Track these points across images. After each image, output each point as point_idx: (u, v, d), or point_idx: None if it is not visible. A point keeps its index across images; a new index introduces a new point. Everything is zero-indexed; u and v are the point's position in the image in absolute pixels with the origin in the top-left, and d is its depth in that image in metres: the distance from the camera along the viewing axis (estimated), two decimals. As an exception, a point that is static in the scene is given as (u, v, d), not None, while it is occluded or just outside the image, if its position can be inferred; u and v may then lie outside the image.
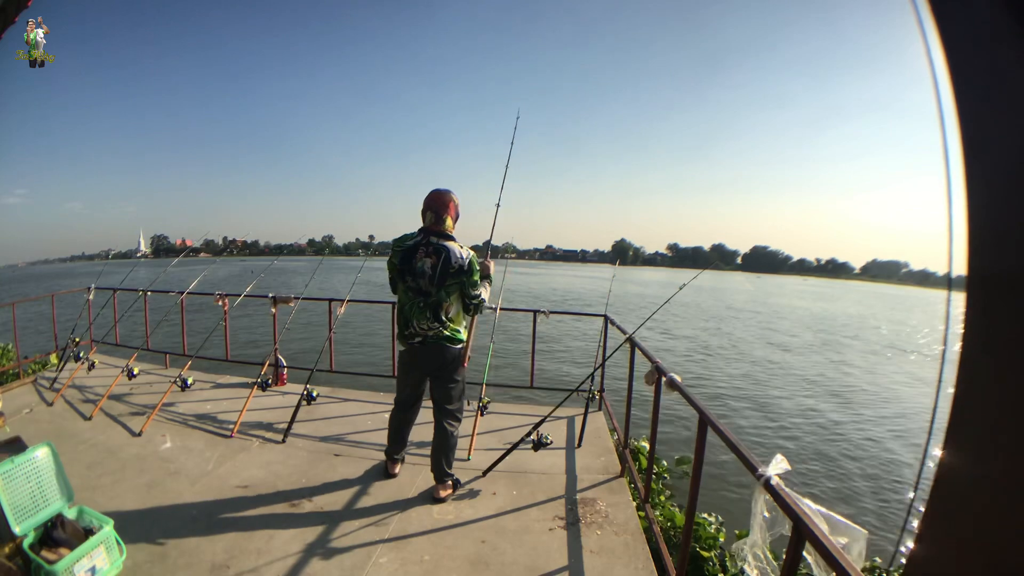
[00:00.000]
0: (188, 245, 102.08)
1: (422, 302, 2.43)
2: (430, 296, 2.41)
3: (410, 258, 2.43)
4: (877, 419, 9.29)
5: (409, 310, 2.46)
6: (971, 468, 0.63)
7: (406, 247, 2.45)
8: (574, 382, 3.46)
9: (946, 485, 0.65)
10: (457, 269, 2.41)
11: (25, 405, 3.76)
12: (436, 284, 2.40)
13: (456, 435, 2.65)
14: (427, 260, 2.40)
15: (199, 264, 6.65)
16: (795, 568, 1.21)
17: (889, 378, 13.29)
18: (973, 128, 0.59)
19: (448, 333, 2.47)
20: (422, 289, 2.41)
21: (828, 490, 6.17)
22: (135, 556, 2.06)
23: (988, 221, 0.59)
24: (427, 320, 2.43)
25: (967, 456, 0.63)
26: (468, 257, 2.44)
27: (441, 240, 2.44)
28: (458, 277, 2.42)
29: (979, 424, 0.61)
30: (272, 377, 4.21)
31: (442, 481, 2.62)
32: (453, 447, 2.64)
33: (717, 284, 50.17)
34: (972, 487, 0.62)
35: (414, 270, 2.41)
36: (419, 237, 2.46)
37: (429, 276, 2.40)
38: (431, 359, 2.52)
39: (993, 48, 0.56)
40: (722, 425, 1.68)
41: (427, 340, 2.47)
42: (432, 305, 2.42)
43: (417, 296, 2.43)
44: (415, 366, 2.58)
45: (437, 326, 2.44)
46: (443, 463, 2.60)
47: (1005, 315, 0.59)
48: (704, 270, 3.42)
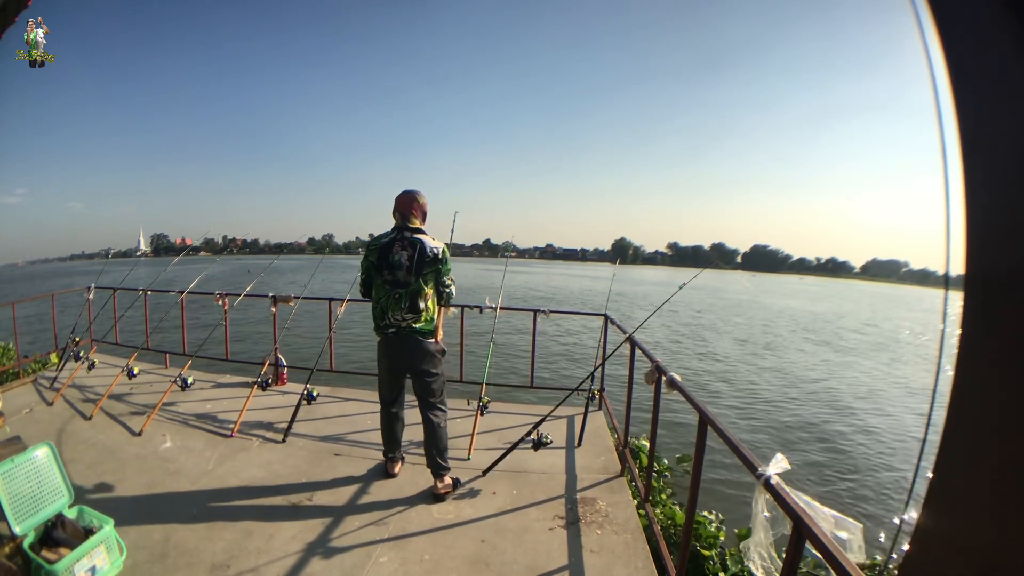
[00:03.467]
0: (188, 244, 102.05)
1: (399, 292, 2.53)
2: (409, 285, 2.52)
3: (387, 253, 2.55)
4: (847, 414, 9.29)
5: (385, 302, 2.55)
6: (968, 467, 0.63)
7: (382, 244, 2.58)
8: (574, 381, 3.47)
9: (943, 484, 0.65)
10: (432, 258, 2.54)
11: (25, 405, 3.76)
12: (414, 273, 2.51)
13: (444, 426, 2.66)
14: (403, 253, 2.53)
15: (199, 263, 6.65)
16: (796, 567, 1.21)
17: (856, 375, 13.24)
18: (972, 127, 0.59)
19: (420, 324, 2.54)
20: (400, 280, 2.52)
21: (824, 492, 6.18)
22: (135, 556, 2.06)
23: (987, 221, 0.59)
24: (402, 311, 2.52)
25: (964, 456, 0.63)
26: (440, 248, 2.58)
27: (414, 234, 2.57)
28: (434, 266, 2.55)
29: (976, 424, 0.61)
30: (272, 377, 4.21)
31: (439, 475, 2.63)
32: (443, 439, 2.65)
33: (717, 284, 50.17)
34: (969, 486, 0.62)
35: (391, 263, 2.53)
36: (393, 234, 2.59)
37: (407, 267, 2.52)
38: (403, 351, 2.59)
39: (993, 47, 0.56)
40: (722, 424, 1.69)
41: (400, 331, 2.55)
42: (411, 294, 2.52)
43: (395, 287, 2.53)
44: (390, 356, 2.65)
45: (411, 316, 2.52)
46: (436, 457, 2.62)
47: (1003, 315, 0.59)
48: (704, 269, 3.41)
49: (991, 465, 0.59)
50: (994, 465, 0.59)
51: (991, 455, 0.59)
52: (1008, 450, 0.56)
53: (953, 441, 0.63)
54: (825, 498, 5.75)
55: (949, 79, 0.60)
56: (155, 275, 4.94)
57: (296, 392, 3.82)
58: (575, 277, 55.11)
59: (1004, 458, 0.57)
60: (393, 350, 2.62)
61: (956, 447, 0.63)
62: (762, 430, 8.10)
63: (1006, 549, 0.56)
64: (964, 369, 0.62)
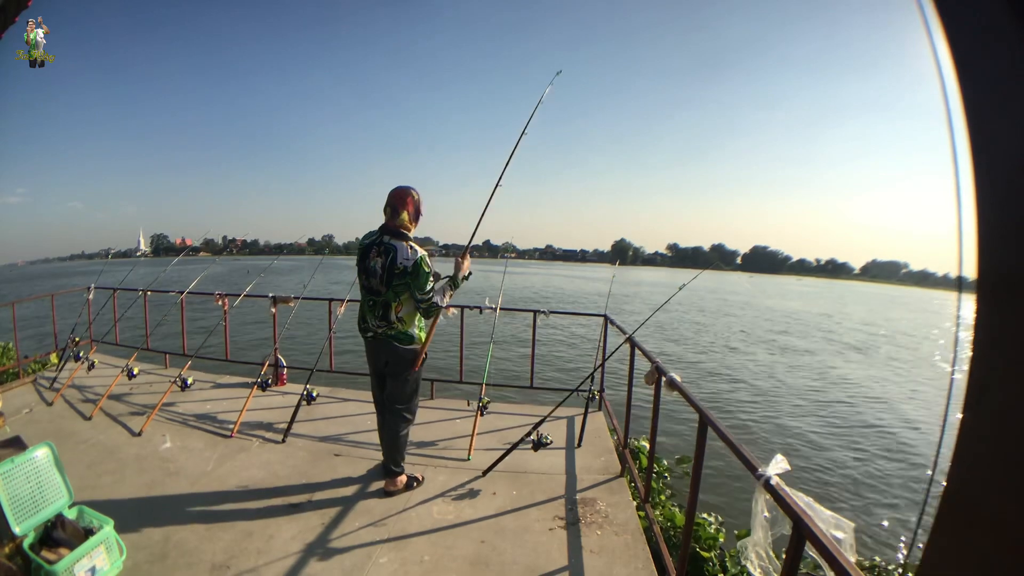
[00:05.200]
0: (188, 244, 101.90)
1: (372, 301, 2.50)
2: (380, 295, 2.47)
3: (365, 257, 2.50)
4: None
5: (363, 306, 2.56)
6: (985, 469, 0.62)
7: (363, 245, 2.54)
8: (574, 382, 3.47)
9: (959, 486, 0.64)
10: (401, 271, 2.39)
11: (25, 405, 3.76)
12: (385, 284, 2.44)
13: (405, 434, 2.65)
14: (378, 260, 2.46)
15: (198, 264, 6.65)
16: (795, 568, 1.21)
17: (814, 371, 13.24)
18: (980, 127, 0.59)
19: (394, 333, 2.50)
20: (373, 288, 2.48)
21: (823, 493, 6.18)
22: (135, 556, 2.06)
23: (997, 221, 0.59)
24: (376, 319, 2.50)
25: (981, 457, 0.62)
26: (415, 258, 2.39)
27: (393, 239, 2.45)
28: (403, 279, 2.41)
29: (991, 427, 0.61)
30: (272, 377, 4.21)
31: (388, 476, 2.65)
32: (402, 446, 2.65)
33: (716, 284, 50.25)
34: (986, 488, 0.61)
35: (367, 269, 2.49)
36: (376, 236, 2.52)
37: (380, 276, 2.45)
38: (380, 354, 2.58)
39: (1000, 46, 0.56)
40: (722, 425, 1.69)
41: (377, 335, 2.53)
42: (381, 304, 2.48)
43: (369, 295, 2.51)
44: (370, 359, 2.65)
45: (384, 325, 2.49)
46: (389, 462, 2.64)
47: (1016, 315, 0.58)
48: (704, 270, 3.41)
49: (1008, 466, 0.59)
50: (1011, 464, 0.58)
51: (1009, 456, 0.59)
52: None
53: (969, 443, 0.63)
54: (824, 498, 5.74)
55: (956, 78, 0.60)
56: (155, 275, 4.94)
57: (296, 392, 3.82)
58: (573, 278, 55.16)
59: (1022, 457, 0.57)
60: (372, 353, 2.62)
61: (972, 449, 0.63)
62: (761, 430, 8.10)
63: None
64: (978, 370, 0.62)
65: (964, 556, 0.65)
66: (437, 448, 3.22)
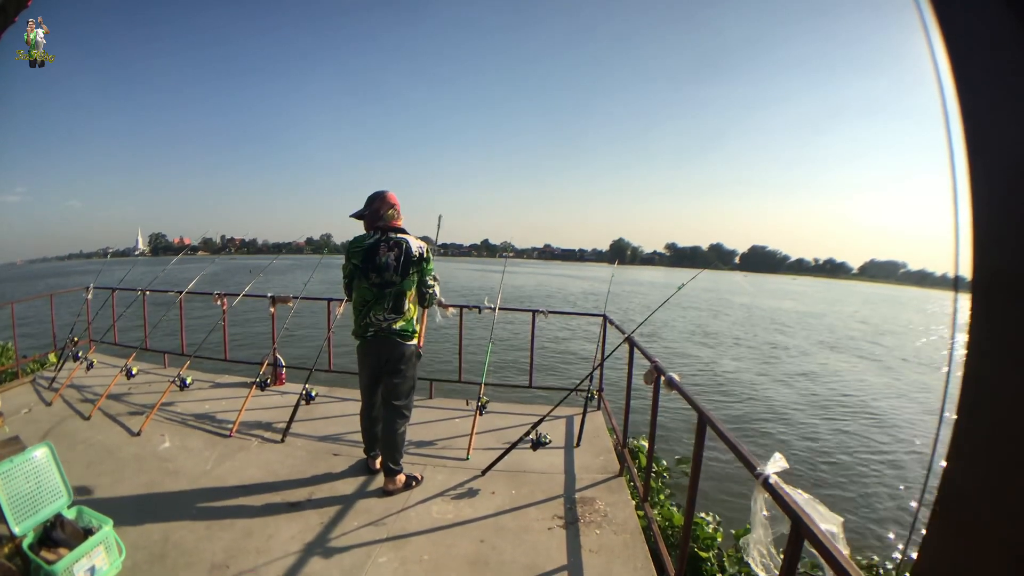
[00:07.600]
0: (186, 243, 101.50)
1: (382, 294, 2.54)
2: (395, 285, 2.53)
3: (372, 256, 2.54)
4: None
5: (371, 302, 2.56)
6: (978, 471, 0.63)
7: (366, 246, 2.56)
8: (573, 382, 3.47)
9: (953, 488, 0.64)
10: (418, 258, 2.57)
11: (24, 405, 3.75)
12: (401, 274, 2.53)
13: (402, 432, 2.67)
14: (390, 254, 2.54)
15: (197, 263, 6.64)
16: (794, 566, 1.22)
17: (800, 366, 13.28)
18: (977, 129, 0.60)
19: (400, 326, 2.55)
20: (387, 280, 2.53)
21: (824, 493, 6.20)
22: (134, 556, 2.06)
23: (992, 221, 0.59)
24: (385, 311, 2.53)
25: (976, 454, 0.63)
26: (423, 248, 2.61)
27: (397, 234, 2.59)
28: (419, 265, 2.57)
29: (986, 427, 0.61)
30: (271, 377, 4.21)
31: (389, 475, 2.65)
32: (399, 444, 2.66)
33: (715, 284, 50.32)
34: (981, 484, 0.62)
35: (379, 266, 2.53)
36: (377, 235, 2.58)
37: (394, 267, 2.53)
38: (380, 352, 2.59)
39: (997, 48, 0.57)
40: (721, 424, 1.69)
41: (379, 332, 2.55)
42: (396, 294, 2.53)
43: (382, 288, 2.53)
44: (368, 360, 2.65)
45: (394, 316, 2.54)
46: (387, 460, 2.64)
47: (1010, 314, 0.59)
48: (703, 270, 3.42)
49: (1003, 463, 0.59)
50: (1005, 463, 0.58)
51: (1003, 455, 0.59)
52: (1020, 448, 0.56)
53: (965, 440, 0.63)
54: (820, 496, 5.77)
55: (954, 81, 0.60)
56: (153, 275, 4.94)
57: (295, 392, 3.81)
58: (573, 278, 55.19)
59: (1017, 456, 0.57)
60: (372, 352, 2.61)
61: (968, 446, 0.63)
62: (758, 430, 8.12)
63: (1020, 547, 0.56)
64: (972, 370, 0.62)
65: (959, 554, 0.65)
66: (436, 447, 3.22)
